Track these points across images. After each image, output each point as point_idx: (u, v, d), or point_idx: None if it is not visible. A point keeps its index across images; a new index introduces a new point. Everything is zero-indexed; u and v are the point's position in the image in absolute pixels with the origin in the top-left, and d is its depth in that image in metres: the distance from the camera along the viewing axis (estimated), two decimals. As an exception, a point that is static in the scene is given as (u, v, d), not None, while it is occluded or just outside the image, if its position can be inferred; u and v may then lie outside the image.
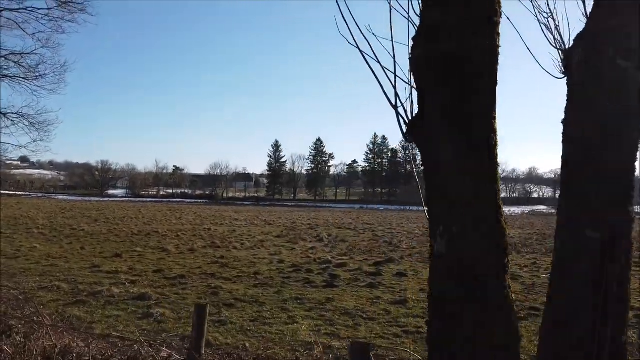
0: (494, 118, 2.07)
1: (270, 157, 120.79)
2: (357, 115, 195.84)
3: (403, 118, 2.25)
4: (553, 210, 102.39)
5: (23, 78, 12.22)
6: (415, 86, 2.25)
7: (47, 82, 12.41)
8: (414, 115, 2.24)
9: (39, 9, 11.85)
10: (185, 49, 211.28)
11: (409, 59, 2.23)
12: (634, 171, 2.09)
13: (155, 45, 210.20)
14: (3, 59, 11.88)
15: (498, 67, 2.05)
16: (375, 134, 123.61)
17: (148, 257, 16.09)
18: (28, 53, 11.04)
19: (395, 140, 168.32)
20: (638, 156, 2.09)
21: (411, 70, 2.19)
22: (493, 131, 2.06)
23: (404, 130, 2.24)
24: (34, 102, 11.75)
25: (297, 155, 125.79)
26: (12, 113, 11.90)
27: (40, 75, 12.26)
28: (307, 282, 11.54)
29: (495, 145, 2.06)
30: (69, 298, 9.12)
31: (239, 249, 19.34)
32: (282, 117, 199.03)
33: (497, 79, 2.05)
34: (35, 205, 59.38)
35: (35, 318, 4.79)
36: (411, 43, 2.24)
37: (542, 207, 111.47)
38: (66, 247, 18.45)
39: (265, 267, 14.16)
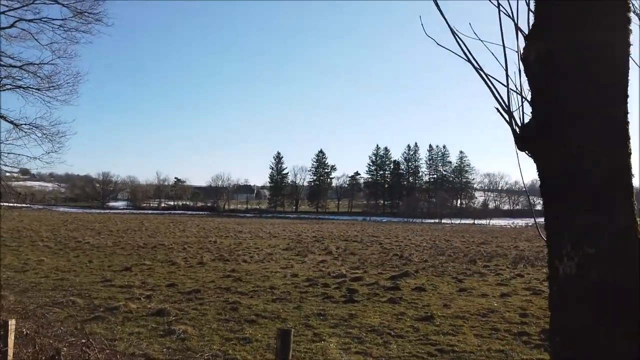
0: (628, 123, 1.87)
1: (272, 168, 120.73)
2: (359, 127, 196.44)
3: (515, 126, 2.04)
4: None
5: (36, 89, 12.05)
6: (525, 94, 2.05)
7: (61, 93, 12.21)
8: (526, 123, 2.03)
9: (53, 20, 11.75)
10: (186, 60, 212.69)
11: (521, 59, 2.04)
12: None
13: (155, 56, 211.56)
14: (17, 69, 11.75)
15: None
16: (377, 145, 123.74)
17: (158, 271, 15.81)
18: (45, 63, 10.85)
19: (397, 152, 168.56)
20: None
21: (526, 72, 1.99)
22: (628, 138, 1.85)
23: (517, 139, 2.02)
24: (47, 113, 11.46)
25: (299, 166, 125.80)
26: (25, 124, 11.67)
27: (53, 86, 12.08)
28: (326, 297, 11.24)
29: (631, 154, 1.85)
30: (86, 314, 8.83)
31: (249, 262, 19.05)
32: (284, 128, 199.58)
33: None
34: (37, 217, 59.11)
35: (84, 340, 4.52)
36: (522, 44, 2.05)
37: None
38: (74, 260, 18.18)
39: (279, 281, 13.87)
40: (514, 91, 2.05)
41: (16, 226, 39.18)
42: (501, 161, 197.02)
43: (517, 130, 2.04)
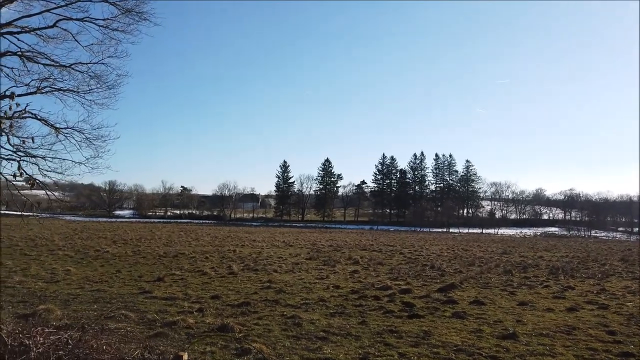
0: None
1: (279, 177, 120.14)
2: (366, 136, 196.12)
3: None
4: (565, 232, 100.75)
5: (74, 91, 11.49)
6: None
7: (100, 97, 11.64)
8: None
9: (96, 20, 11.24)
10: (191, 67, 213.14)
11: None
12: None
13: (160, 63, 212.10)
14: (58, 70, 11.21)
15: None
16: (383, 154, 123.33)
17: (191, 281, 15.16)
18: (95, 63, 10.26)
19: (404, 161, 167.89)
20: None
21: None
22: None
23: None
24: (88, 117, 10.88)
25: (305, 175, 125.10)
26: (66, 128, 11.07)
27: (93, 89, 11.51)
28: (386, 312, 10.57)
29: None
30: (145, 329, 8.17)
31: (280, 272, 18.38)
32: (290, 137, 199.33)
33: None
34: (46, 225, 58.46)
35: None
36: None
37: (553, 229, 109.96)
38: (100, 270, 17.53)
39: (324, 293, 13.20)
40: None
41: (28, 234, 38.55)
42: (507, 170, 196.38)
43: None
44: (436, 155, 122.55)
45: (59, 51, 11.93)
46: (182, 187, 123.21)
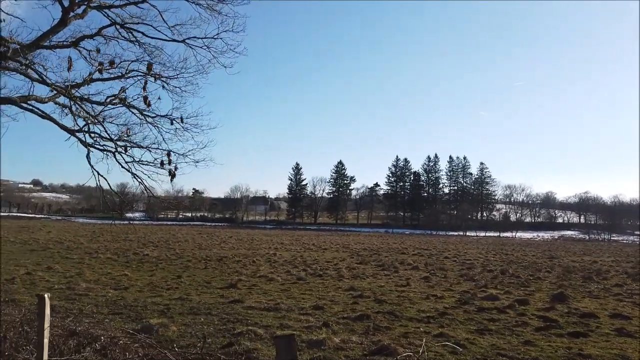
0: None
1: (291, 180, 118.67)
2: (379, 138, 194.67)
3: None
4: (584, 236, 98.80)
5: (163, 76, 10.07)
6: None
7: (186, 82, 10.23)
8: None
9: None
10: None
11: None
12: None
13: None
14: (153, 51, 9.83)
15: None
16: (397, 156, 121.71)
17: (266, 288, 13.75)
18: (210, 37, 8.77)
19: (417, 163, 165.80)
20: None
21: None
22: None
23: None
24: (180, 105, 9.48)
25: (318, 178, 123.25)
26: (154, 116, 9.66)
27: (180, 73, 10.10)
28: (537, 329, 9.02)
29: None
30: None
31: (348, 278, 16.98)
32: (303, 139, 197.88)
33: None
34: (63, 228, 57.25)
35: None
36: None
37: (570, 232, 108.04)
38: (159, 275, 16.17)
39: (431, 303, 11.72)
40: None
41: (51, 237, 37.24)
42: (512, 173, 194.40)
43: None
44: (450, 157, 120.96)
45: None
46: (193, 189, 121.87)
